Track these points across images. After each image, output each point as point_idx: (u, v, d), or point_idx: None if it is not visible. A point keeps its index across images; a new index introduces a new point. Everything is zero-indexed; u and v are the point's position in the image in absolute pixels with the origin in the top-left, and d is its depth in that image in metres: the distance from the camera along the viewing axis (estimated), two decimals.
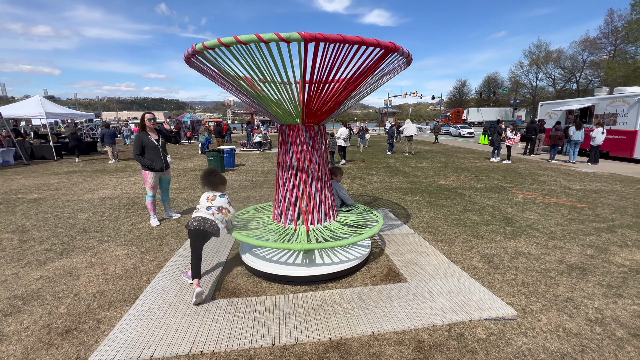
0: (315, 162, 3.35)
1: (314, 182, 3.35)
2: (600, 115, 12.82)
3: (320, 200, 3.41)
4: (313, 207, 3.37)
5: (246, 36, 2.17)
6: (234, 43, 2.21)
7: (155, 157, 4.48)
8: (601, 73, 36.98)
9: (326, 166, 3.53)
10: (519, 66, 50.02)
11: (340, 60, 2.50)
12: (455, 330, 2.34)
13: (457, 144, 21.26)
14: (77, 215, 5.27)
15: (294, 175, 3.34)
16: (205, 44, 2.35)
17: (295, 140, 3.30)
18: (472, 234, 4.32)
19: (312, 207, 3.37)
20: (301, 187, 3.33)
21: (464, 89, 69.77)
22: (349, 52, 2.40)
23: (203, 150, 14.62)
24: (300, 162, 3.31)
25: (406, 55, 2.74)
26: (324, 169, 3.46)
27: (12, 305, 2.69)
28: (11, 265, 3.45)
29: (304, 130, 3.29)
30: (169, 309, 2.61)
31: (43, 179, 8.74)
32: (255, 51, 2.34)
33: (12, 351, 2.16)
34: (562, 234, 4.30)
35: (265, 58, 2.39)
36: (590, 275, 3.18)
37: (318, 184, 3.38)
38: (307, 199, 3.34)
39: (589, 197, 6.35)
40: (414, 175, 8.99)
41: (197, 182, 8.07)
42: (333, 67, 2.57)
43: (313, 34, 2.12)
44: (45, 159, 13.28)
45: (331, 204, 3.59)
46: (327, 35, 2.16)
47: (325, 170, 3.49)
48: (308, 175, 3.33)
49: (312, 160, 3.33)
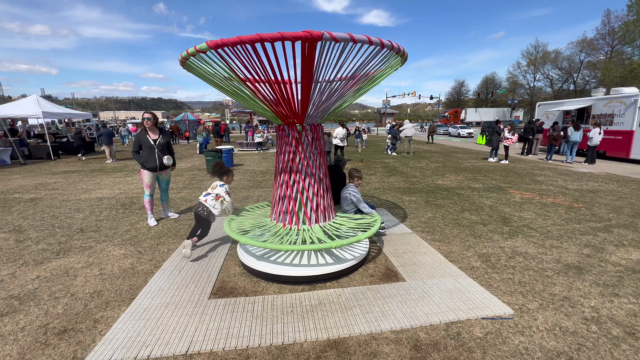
0: (311, 161, 3.35)
1: (310, 182, 3.35)
2: (597, 116, 12.89)
3: (317, 200, 3.41)
4: (309, 206, 3.37)
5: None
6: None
7: (148, 157, 4.49)
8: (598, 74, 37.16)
9: (323, 166, 3.53)
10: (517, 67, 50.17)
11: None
12: (452, 329, 2.35)
13: (455, 144, 21.31)
14: (75, 215, 5.24)
15: (291, 174, 3.34)
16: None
17: (291, 140, 3.30)
18: (469, 234, 4.34)
19: (309, 206, 3.37)
20: (297, 186, 3.33)
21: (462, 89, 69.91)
22: None
23: (201, 150, 14.60)
24: (296, 161, 3.31)
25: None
26: (320, 168, 3.46)
27: (8, 305, 2.68)
28: (7, 265, 3.43)
29: (300, 130, 3.29)
30: (166, 309, 2.61)
31: (40, 179, 8.70)
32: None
33: (8, 351, 2.14)
34: (559, 234, 4.32)
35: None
36: (586, 275, 3.19)
37: (315, 183, 3.38)
38: (305, 199, 3.35)
39: (585, 197, 6.39)
40: (412, 175, 9.01)
41: (195, 182, 8.05)
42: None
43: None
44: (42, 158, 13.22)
45: (329, 204, 3.59)
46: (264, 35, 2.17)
47: (322, 170, 3.49)
48: (304, 175, 3.33)
49: (309, 160, 3.33)
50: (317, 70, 2.61)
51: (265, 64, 2.46)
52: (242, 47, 2.30)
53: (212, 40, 2.29)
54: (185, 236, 4.23)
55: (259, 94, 2.95)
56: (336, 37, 2.24)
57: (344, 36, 2.28)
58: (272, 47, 2.26)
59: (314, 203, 3.39)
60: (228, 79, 2.92)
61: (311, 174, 3.35)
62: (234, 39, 2.20)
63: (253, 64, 2.49)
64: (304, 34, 2.12)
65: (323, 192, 3.48)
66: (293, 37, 2.14)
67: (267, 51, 2.32)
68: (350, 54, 2.58)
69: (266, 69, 2.52)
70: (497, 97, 53.11)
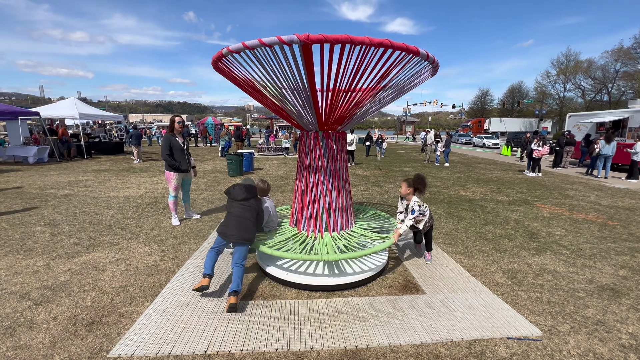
0: (334, 168, 3.36)
1: (334, 189, 3.35)
2: (635, 129, 12.14)
3: (338, 207, 3.41)
4: (332, 214, 3.37)
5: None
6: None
7: (181, 159, 4.65)
8: (635, 84, 35.14)
9: (346, 172, 3.53)
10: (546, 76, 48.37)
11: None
12: (475, 347, 2.26)
13: (477, 154, 20.70)
14: (104, 212, 5.50)
15: (313, 180, 3.36)
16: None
17: (315, 146, 3.33)
18: (493, 248, 4.17)
19: (331, 214, 3.37)
20: (321, 194, 3.34)
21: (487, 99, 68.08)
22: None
23: (223, 154, 14.98)
24: (319, 167, 3.32)
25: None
26: (343, 175, 3.46)
27: (42, 295, 2.83)
28: (43, 256, 3.64)
29: (323, 137, 3.31)
30: (187, 308, 2.67)
31: (73, 176, 9.22)
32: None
33: (41, 339, 2.26)
34: (592, 253, 4.07)
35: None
36: (623, 298, 2.98)
37: (337, 190, 3.38)
38: (327, 206, 3.35)
39: (621, 214, 6.00)
40: (432, 184, 8.81)
41: (216, 184, 8.25)
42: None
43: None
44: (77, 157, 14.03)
45: (350, 211, 3.57)
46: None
47: (344, 177, 3.48)
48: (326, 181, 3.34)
49: (331, 166, 3.34)
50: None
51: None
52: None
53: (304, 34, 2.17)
54: (205, 237, 4.34)
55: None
56: (373, 42, 2.24)
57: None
58: (330, 49, 2.27)
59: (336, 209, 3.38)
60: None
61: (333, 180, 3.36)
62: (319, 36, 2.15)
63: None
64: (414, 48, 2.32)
65: (346, 198, 3.47)
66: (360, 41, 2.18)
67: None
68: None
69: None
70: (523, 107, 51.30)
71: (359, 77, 2.64)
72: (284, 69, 2.53)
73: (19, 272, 3.26)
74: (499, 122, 46.64)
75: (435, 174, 10.81)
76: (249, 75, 2.90)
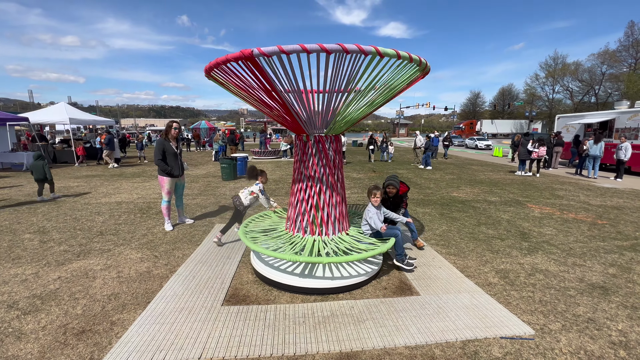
0: (329, 172, 3.37)
1: (327, 192, 3.36)
2: (621, 130, 12.43)
3: (332, 211, 3.41)
4: (327, 217, 3.38)
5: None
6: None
7: (174, 164, 4.62)
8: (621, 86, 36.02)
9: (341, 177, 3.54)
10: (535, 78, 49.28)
11: None
12: (469, 348, 2.27)
13: (470, 155, 20.93)
14: (95, 218, 5.42)
15: (309, 184, 3.36)
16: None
17: (310, 150, 3.34)
18: (486, 248, 4.22)
19: (326, 217, 3.37)
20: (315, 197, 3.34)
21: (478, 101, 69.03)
22: None
23: (217, 158, 14.90)
24: (314, 171, 3.33)
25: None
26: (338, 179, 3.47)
27: (31, 304, 2.77)
28: (32, 264, 3.57)
29: (318, 141, 3.32)
30: (180, 314, 2.64)
31: (64, 182, 9.07)
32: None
33: (29, 349, 2.21)
34: (582, 251, 4.15)
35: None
36: (612, 296, 3.04)
37: (332, 194, 3.39)
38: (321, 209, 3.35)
39: (610, 213, 6.12)
40: (426, 186, 8.89)
41: (210, 189, 8.20)
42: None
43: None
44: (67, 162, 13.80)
45: (344, 215, 3.58)
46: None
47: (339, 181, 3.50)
48: (321, 185, 3.34)
49: (326, 171, 3.35)
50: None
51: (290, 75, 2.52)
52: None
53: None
54: (199, 242, 4.30)
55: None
56: (348, 49, 2.27)
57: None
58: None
59: (331, 213, 3.39)
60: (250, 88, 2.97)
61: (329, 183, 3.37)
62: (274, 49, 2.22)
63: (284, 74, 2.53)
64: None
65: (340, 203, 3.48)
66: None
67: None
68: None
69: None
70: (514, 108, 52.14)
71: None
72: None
73: (7, 280, 3.19)
74: (491, 124, 47.33)
75: (429, 176, 10.91)
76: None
